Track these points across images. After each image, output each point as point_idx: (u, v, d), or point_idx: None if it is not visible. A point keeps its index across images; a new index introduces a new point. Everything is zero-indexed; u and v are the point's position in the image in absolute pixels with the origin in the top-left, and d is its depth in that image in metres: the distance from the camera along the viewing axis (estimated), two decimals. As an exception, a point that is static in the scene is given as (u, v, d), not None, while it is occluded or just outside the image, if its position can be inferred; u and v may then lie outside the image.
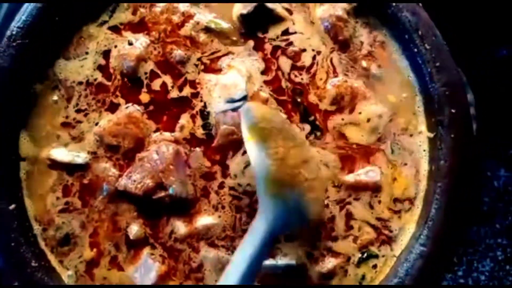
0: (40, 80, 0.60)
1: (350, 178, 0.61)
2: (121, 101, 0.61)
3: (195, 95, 0.61)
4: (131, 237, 0.59)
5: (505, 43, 1.03)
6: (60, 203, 0.59)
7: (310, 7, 0.63)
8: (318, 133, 0.61)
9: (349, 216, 0.60)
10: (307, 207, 0.56)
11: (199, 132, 0.61)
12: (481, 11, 0.98)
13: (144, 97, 0.61)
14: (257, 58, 0.62)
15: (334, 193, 0.61)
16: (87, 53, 0.61)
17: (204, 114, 0.61)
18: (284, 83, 0.62)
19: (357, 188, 0.61)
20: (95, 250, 0.59)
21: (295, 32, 0.63)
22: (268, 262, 0.59)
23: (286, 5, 0.63)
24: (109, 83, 0.61)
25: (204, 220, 0.59)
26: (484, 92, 0.97)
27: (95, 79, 0.61)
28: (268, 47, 0.62)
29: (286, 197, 0.54)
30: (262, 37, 0.62)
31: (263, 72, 0.62)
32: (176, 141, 0.60)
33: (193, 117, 0.61)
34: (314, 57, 0.62)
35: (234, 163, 0.60)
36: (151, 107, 0.61)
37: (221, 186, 0.60)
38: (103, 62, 0.61)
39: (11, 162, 0.59)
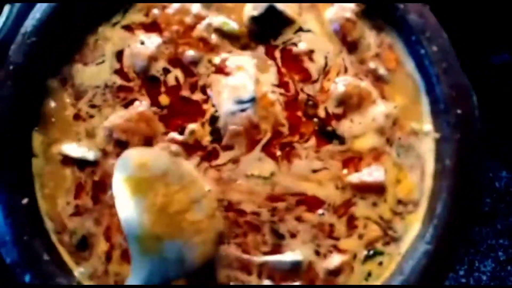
0: (53, 77, 0.61)
1: (354, 178, 0.61)
2: (135, 99, 0.62)
3: (205, 97, 0.62)
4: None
5: (507, 48, 1.03)
6: (73, 202, 0.60)
7: (320, 8, 0.64)
8: (337, 141, 0.62)
9: (353, 216, 0.61)
10: (192, 253, 0.53)
11: (206, 140, 0.61)
12: (484, 15, 0.98)
13: (164, 99, 0.62)
14: (266, 61, 0.63)
15: (338, 195, 0.61)
16: (103, 55, 0.62)
17: (214, 118, 0.62)
18: (292, 87, 0.62)
19: (362, 189, 0.61)
20: (108, 245, 0.60)
21: (305, 32, 0.64)
22: (276, 258, 0.60)
23: (295, 7, 0.64)
24: (126, 83, 0.62)
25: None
26: (487, 94, 0.98)
27: (114, 82, 0.62)
28: (279, 49, 0.63)
29: (163, 251, 0.51)
30: (273, 40, 0.63)
31: (272, 77, 0.63)
32: (182, 144, 0.61)
33: (202, 123, 0.62)
34: (324, 58, 0.63)
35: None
36: (164, 109, 0.62)
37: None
38: (118, 66, 0.62)
39: (24, 157, 0.60)
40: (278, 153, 0.61)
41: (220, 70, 0.63)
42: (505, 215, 1.00)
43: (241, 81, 0.61)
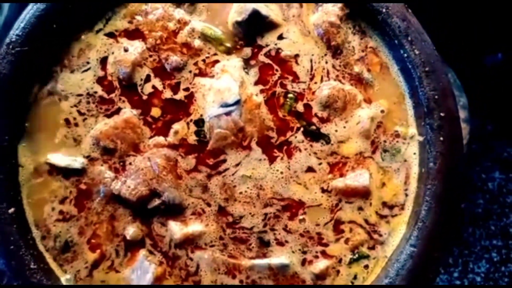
0: (39, 86, 0.62)
1: (339, 182, 0.61)
2: (120, 106, 0.62)
3: (190, 101, 0.62)
4: (128, 237, 0.60)
5: (500, 47, 1.03)
6: (58, 208, 0.60)
7: (304, 13, 0.64)
8: (323, 141, 0.62)
9: (339, 221, 0.61)
10: None
11: (192, 139, 0.62)
12: (479, 16, 0.99)
13: (156, 112, 0.62)
14: (251, 64, 0.63)
15: (324, 199, 0.61)
16: (88, 63, 0.62)
17: (199, 121, 0.62)
18: (278, 89, 0.63)
19: (347, 193, 0.61)
20: (98, 251, 0.60)
21: (290, 37, 0.64)
22: (262, 261, 0.60)
23: (280, 12, 0.64)
24: (108, 91, 0.62)
25: (196, 227, 0.61)
26: (479, 95, 0.98)
27: (95, 92, 0.62)
28: (263, 53, 0.63)
29: None
30: (257, 44, 0.63)
31: (257, 80, 0.63)
32: (169, 146, 0.61)
33: (187, 124, 0.62)
34: (309, 62, 0.63)
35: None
36: (147, 114, 0.62)
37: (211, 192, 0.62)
38: (102, 73, 0.62)
39: (11, 167, 0.60)
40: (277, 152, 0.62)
41: (205, 73, 0.63)
42: (498, 216, 1.00)
43: (225, 84, 0.62)
